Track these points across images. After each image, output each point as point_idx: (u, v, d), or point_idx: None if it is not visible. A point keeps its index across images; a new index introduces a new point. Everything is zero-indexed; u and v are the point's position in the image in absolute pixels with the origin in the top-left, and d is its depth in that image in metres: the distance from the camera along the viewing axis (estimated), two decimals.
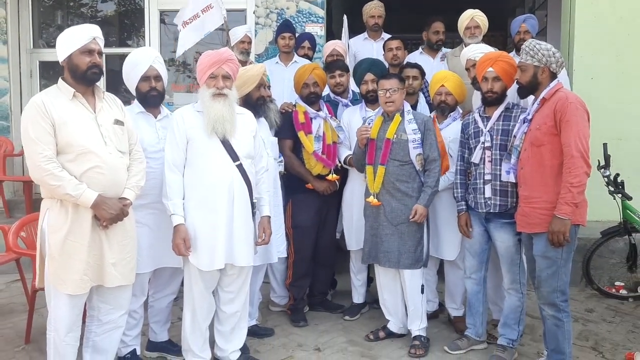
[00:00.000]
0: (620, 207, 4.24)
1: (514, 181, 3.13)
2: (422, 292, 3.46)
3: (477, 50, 3.68)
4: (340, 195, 4.05)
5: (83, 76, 2.71)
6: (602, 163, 4.23)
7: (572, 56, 5.28)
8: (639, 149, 5.15)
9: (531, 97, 3.11)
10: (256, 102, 3.49)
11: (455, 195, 3.50)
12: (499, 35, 4.20)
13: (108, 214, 2.68)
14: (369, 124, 3.61)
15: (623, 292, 4.47)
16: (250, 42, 4.85)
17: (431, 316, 3.93)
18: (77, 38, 2.71)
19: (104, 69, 5.75)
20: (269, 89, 3.74)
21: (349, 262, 4.15)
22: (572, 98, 2.90)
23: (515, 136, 3.12)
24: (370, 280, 4.47)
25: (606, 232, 4.40)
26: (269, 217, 3.24)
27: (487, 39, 4.82)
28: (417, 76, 4.06)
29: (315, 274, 4.11)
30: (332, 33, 6.61)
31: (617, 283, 4.54)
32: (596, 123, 4.99)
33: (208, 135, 2.95)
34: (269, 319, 4.01)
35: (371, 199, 3.49)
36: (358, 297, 4.13)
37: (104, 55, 2.84)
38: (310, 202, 3.91)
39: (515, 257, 3.25)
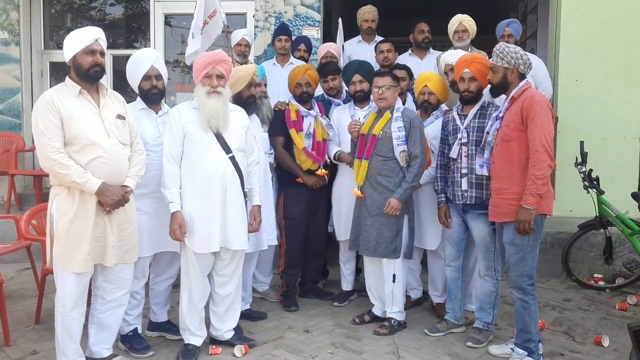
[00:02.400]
0: (596, 202, 4.46)
1: (487, 174, 3.37)
2: (394, 280, 3.66)
3: (453, 56, 3.90)
4: (330, 189, 4.28)
5: (86, 74, 2.97)
6: (579, 160, 4.44)
7: (557, 59, 5.49)
8: (622, 149, 5.36)
9: (504, 96, 3.34)
10: (246, 100, 3.72)
11: (436, 188, 3.73)
12: (488, 39, 4.40)
13: (110, 199, 2.94)
14: (362, 119, 3.85)
15: (601, 283, 4.68)
16: (248, 45, 5.07)
17: (415, 303, 4.17)
18: (80, 40, 2.97)
19: (110, 68, 6.12)
20: (265, 86, 4.00)
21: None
22: (537, 97, 3.13)
23: (488, 132, 3.36)
24: (359, 270, 4.72)
25: (583, 225, 4.62)
26: (259, 206, 3.50)
27: (479, 42, 5.06)
28: (404, 77, 4.28)
29: (306, 262, 4.34)
30: (332, 36, 6.84)
31: (595, 275, 4.75)
32: (580, 123, 5.36)
33: (203, 130, 3.21)
34: (263, 304, 4.25)
35: (355, 190, 3.75)
36: (347, 284, 4.35)
37: (107, 55, 3.09)
38: (300, 195, 4.15)
39: (490, 245, 3.47)
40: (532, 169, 3.04)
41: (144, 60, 3.39)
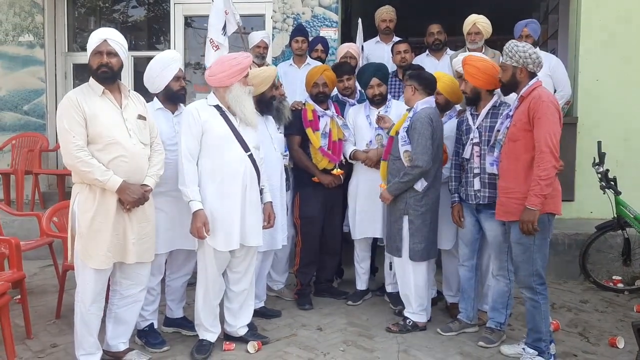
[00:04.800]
0: (613, 203, 4.42)
1: (496, 173, 3.39)
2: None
3: (460, 60, 3.87)
4: (346, 189, 4.33)
5: (95, 75, 3.07)
6: (597, 160, 4.41)
7: (578, 58, 5.45)
8: None
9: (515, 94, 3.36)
10: (269, 100, 3.83)
11: (450, 188, 3.76)
12: (505, 40, 4.38)
13: (131, 197, 3.04)
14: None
15: (620, 285, 4.63)
16: (266, 47, 5.15)
17: (430, 302, 4.18)
18: (92, 41, 3.07)
19: (131, 69, 6.24)
20: (281, 86, 4.08)
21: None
22: (545, 97, 3.13)
23: (498, 130, 3.38)
24: (375, 270, 4.76)
25: (600, 226, 4.58)
26: (271, 202, 3.57)
27: (494, 43, 5.04)
28: None
29: (321, 261, 4.40)
30: (352, 37, 6.86)
31: (614, 277, 4.71)
32: (601, 123, 5.31)
33: (224, 128, 3.29)
34: (277, 303, 4.32)
35: (382, 185, 3.86)
36: (361, 284, 4.39)
37: (126, 56, 3.16)
38: (316, 194, 4.20)
39: (502, 245, 3.48)
40: (536, 170, 3.05)
41: (174, 62, 3.48)
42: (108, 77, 3.08)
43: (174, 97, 3.50)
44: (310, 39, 5.40)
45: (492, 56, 4.43)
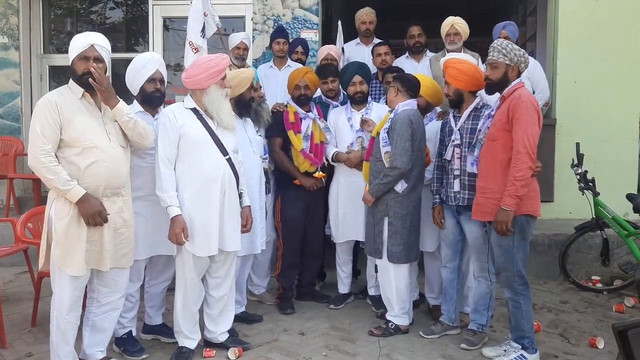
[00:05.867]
0: (592, 204, 4.46)
1: (476, 172, 3.39)
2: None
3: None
4: (327, 192, 4.31)
5: (79, 80, 3.00)
6: (575, 161, 4.44)
7: (555, 60, 5.50)
8: (621, 150, 5.35)
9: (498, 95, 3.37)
10: (248, 102, 3.80)
11: (432, 189, 3.78)
12: (485, 42, 4.42)
13: (85, 212, 2.93)
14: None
15: (599, 285, 4.67)
16: (246, 49, 5.11)
17: (412, 305, 4.15)
18: (77, 45, 3.00)
19: (109, 72, 6.13)
20: (261, 89, 4.05)
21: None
22: (524, 97, 3.14)
23: (480, 130, 3.40)
24: (358, 273, 4.74)
25: (579, 227, 4.62)
26: (249, 206, 3.54)
27: (473, 45, 5.06)
28: None
29: (303, 265, 4.37)
30: (332, 39, 6.85)
31: (593, 277, 4.75)
32: (579, 125, 5.35)
33: (202, 132, 3.25)
34: (259, 307, 4.27)
35: (366, 188, 3.83)
36: (343, 287, 4.37)
37: (109, 62, 3.11)
38: (297, 197, 4.18)
39: (483, 246, 3.49)
40: (512, 170, 3.06)
41: (150, 63, 3.41)
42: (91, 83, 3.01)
43: (148, 99, 3.44)
44: (290, 40, 5.38)
45: (472, 57, 4.42)
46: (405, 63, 5.14)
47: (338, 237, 4.24)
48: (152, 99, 3.44)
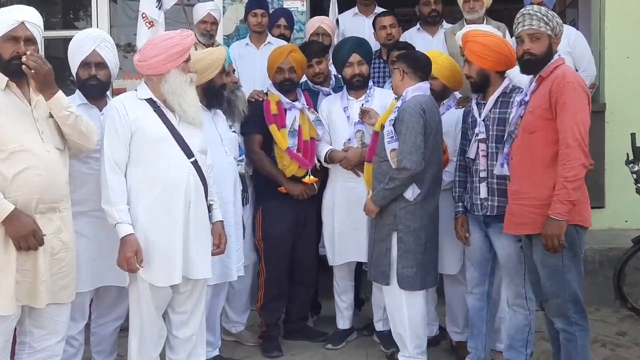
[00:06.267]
0: None
1: (507, 174, 3.37)
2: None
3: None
4: (320, 201, 4.30)
5: (5, 67, 2.94)
6: (631, 157, 4.44)
7: (603, 31, 5.51)
8: None
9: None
10: (218, 90, 3.78)
11: (454, 195, 3.78)
12: (513, 10, 4.39)
13: (16, 233, 2.85)
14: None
15: None
16: (215, 23, 5.08)
17: (431, 342, 4.13)
18: (2, 23, 2.92)
19: (42, 54, 6.09)
20: (234, 72, 4.04)
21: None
22: (570, 77, 3.13)
23: (512, 120, 3.38)
24: (361, 302, 4.71)
25: (638, 239, 4.60)
26: (222, 221, 3.51)
27: (498, 15, 5.06)
28: None
29: (292, 295, 4.35)
30: (324, 9, 6.85)
31: None
32: (634, 111, 5.33)
33: (160, 128, 3.22)
34: (237, 349, 4.25)
35: (369, 196, 3.82)
36: (343, 322, 4.35)
37: (41, 42, 3.08)
38: (283, 208, 4.16)
39: (518, 267, 3.48)
40: (561, 169, 3.03)
41: (85, 43, 3.39)
42: (23, 69, 2.95)
43: (83, 89, 3.44)
44: (271, 11, 5.37)
45: (497, 28, 4.43)
46: (416, 37, 5.16)
47: (335, 258, 4.22)
48: (87, 88, 3.43)
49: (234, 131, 3.96)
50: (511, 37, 3.81)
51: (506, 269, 3.53)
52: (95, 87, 3.45)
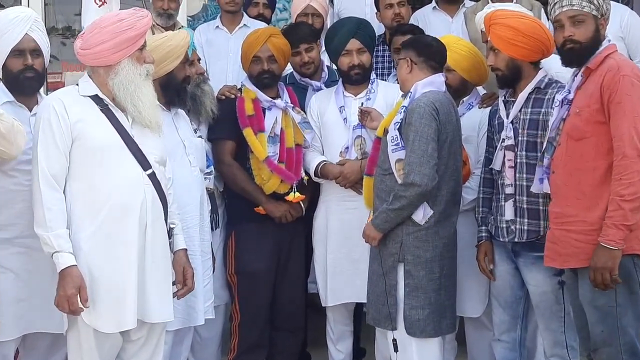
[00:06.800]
0: None
1: (547, 192, 3.44)
2: (395, 349, 3.73)
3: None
4: (310, 225, 4.38)
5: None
6: None
7: None
8: None
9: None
10: (180, 85, 3.85)
11: (476, 216, 3.86)
12: None
13: None
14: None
15: None
16: (175, 0, 5.13)
17: None
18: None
19: None
20: (199, 62, 4.12)
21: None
22: (626, 68, 3.16)
23: (552, 124, 3.41)
24: (363, 352, 4.77)
25: None
26: (186, 250, 3.57)
27: None
28: None
29: (273, 343, 4.40)
30: None
31: None
32: None
33: (109, 133, 3.27)
34: None
35: (369, 218, 3.87)
36: None
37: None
38: (262, 234, 4.23)
39: (555, 307, 3.56)
40: (616, 185, 3.07)
41: (16, 25, 3.45)
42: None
43: (15, 83, 3.49)
44: None
45: (529, 8, 4.50)
46: (431, 18, 5.27)
47: (329, 297, 4.27)
48: (21, 82, 3.49)
49: (199, 136, 4.04)
50: (547, 20, 3.87)
51: (540, 310, 3.60)
52: (33, 80, 3.51)
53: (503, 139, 3.64)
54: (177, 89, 3.85)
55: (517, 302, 3.75)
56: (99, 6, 4.71)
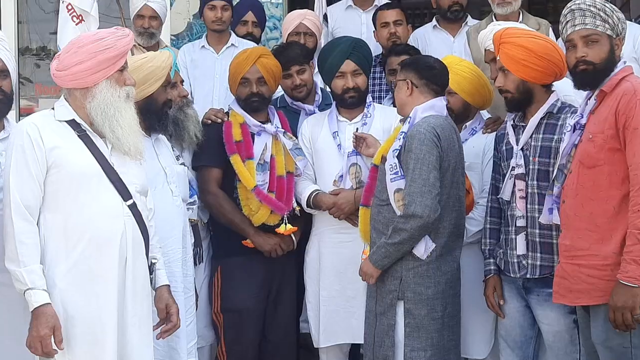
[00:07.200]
0: None
1: (557, 223, 3.43)
2: None
3: (491, 36, 3.92)
4: (302, 259, 4.39)
5: None
6: None
7: None
8: None
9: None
10: (162, 109, 3.85)
11: (483, 248, 3.86)
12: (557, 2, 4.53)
13: None
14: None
15: None
16: (156, 17, 5.20)
17: None
18: None
19: None
20: (182, 84, 4.15)
21: None
22: None
23: (562, 150, 3.41)
24: None
25: None
26: (169, 286, 3.56)
27: (541, 10, 5.20)
28: None
29: None
30: (305, 1, 6.98)
31: None
32: None
33: (87, 160, 3.26)
34: None
35: (365, 252, 3.88)
36: None
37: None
38: (250, 270, 4.24)
39: (570, 348, 3.55)
40: (634, 218, 3.06)
41: None
42: None
43: None
44: (235, 3, 5.50)
45: (536, 28, 4.56)
46: (432, 37, 5.32)
47: (322, 338, 4.27)
48: None
49: (182, 163, 4.05)
50: (556, 38, 3.91)
51: (554, 351, 3.59)
52: (2, 103, 3.52)
53: (513, 167, 3.64)
54: (157, 113, 3.84)
55: (527, 343, 3.75)
56: (76, 24, 4.69)
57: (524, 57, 3.58)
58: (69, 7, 4.76)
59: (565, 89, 3.66)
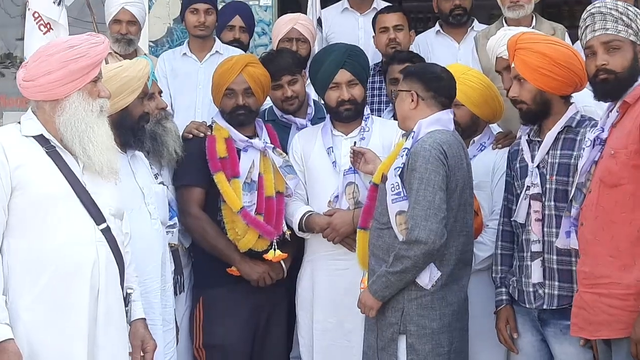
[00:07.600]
0: None
1: (575, 248, 3.39)
2: None
3: (503, 43, 3.93)
4: (293, 289, 4.36)
5: None
6: None
7: None
8: None
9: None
10: (139, 123, 3.82)
11: (494, 275, 3.83)
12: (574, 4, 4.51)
13: None
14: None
15: None
16: (134, 22, 5.19)
17: None
18: None
19: None
20: (160, 95, 4.13)
21: None
22: None
23: (582, 167, 3.37)
24: None
25: None
26: (145, 319, 3.51)
27: (556, 15, 5.20)
28: None
29: None
30: (297, 4, 6.98)
31: None
32: None
33: (56, 180, 3.23)
34: None
35: (363, 280, 3.86)
36: None
37: None
38: (235, 300, 4.21)
39: None
40: None
41: None
42: None
43: None
44: (220, 7, 5.53)
45: (551, 33, 4.57)
46: (435, 43, 5.31)
47: None
48: None
49: (161, 182, 4.02)
50: (572, 43, 3.90)
51: None
52: None
53: (528, 187, 3.61)
54: (133, 127, 3.81)
55: None
56: (44, 33, 4.68)
57: (543, 64, 3.55)
58: (36, 14, 4.73)
59: (584, 99, 3.62)
